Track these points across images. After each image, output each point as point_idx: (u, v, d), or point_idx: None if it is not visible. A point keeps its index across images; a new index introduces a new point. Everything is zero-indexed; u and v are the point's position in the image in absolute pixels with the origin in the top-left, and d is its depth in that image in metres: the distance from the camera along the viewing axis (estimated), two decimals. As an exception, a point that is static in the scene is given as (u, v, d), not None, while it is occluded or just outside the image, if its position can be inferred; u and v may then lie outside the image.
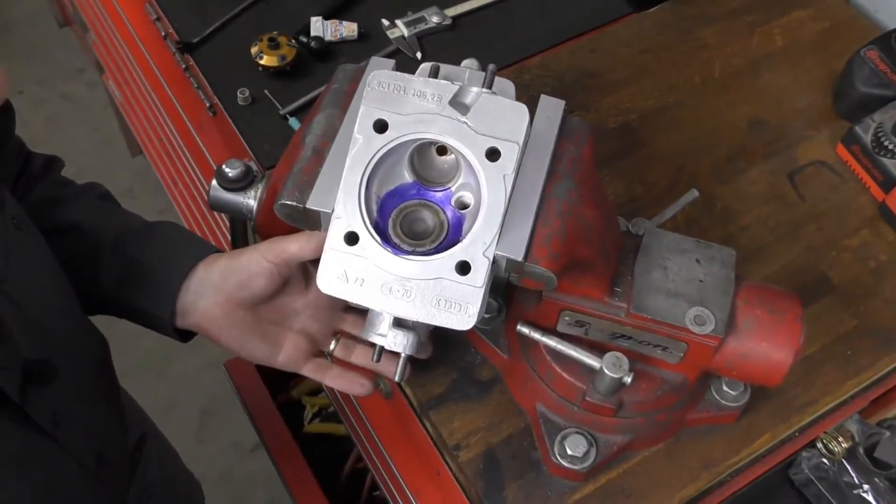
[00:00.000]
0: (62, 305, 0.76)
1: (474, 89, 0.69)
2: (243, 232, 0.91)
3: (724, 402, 0.88)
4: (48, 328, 0.71)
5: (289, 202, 0.72)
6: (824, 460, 0.96)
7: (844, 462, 0.96)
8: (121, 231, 0.82)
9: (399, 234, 0.68)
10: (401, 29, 1.21)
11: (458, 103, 0.69)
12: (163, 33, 1.23)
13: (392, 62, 0.76)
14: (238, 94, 1.13)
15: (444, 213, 0.70)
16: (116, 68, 1.63)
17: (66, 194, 0.86)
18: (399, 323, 0.73)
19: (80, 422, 0.74)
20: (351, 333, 0.85)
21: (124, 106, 1.82)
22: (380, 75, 0.70)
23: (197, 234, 0.86)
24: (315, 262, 0.73)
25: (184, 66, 1.19)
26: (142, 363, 2.11)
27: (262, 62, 1.15)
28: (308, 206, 0.71)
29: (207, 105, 1.16)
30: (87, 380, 0.78)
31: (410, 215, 0.70)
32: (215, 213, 1.42)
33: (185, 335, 0.82)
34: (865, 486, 0.96)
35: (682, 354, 0.79)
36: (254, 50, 1.15)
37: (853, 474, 0.96)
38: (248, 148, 1.11)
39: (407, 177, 0.72)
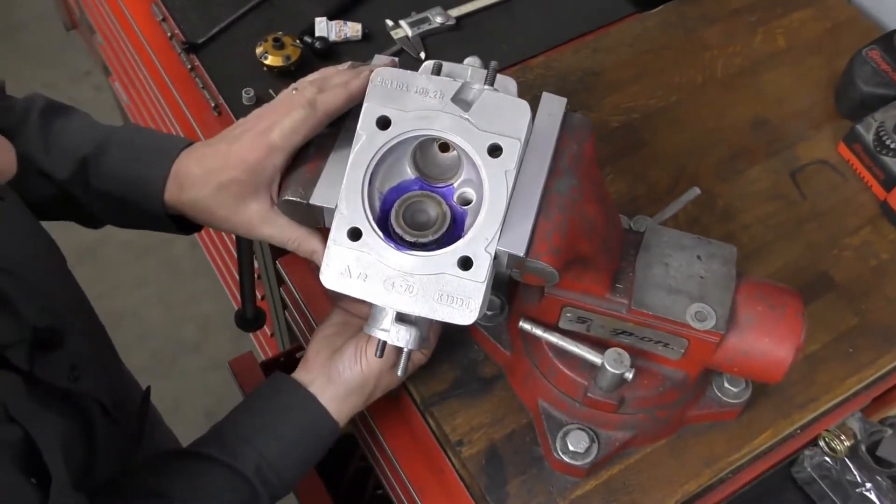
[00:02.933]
0: (55, 267, 0.78)
1: (476, 86, 0.70)
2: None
3: (725, 398, 0.88)
4: (49, 293, 0.73)
5: (292, 198, 0.73)
6: (827, 458, 0.97)
7: (847, 460, 0.97)
8: (79, 161, 0.81)
9: (402, 224, 0.69)
10: (405, 29, 1.22)
11: (460, 100, 0.70)
12: (169, 34, 1.24)
13: (395, 60, 0.77)
14: (243, 93, 1.14)
15: (447, 203, 0.71)
16: (123, 70, 1.64)
17: (11, 123, 0.83)
18: (402, 318, 0.73)
19: (95, 371, 0.76)
20: None
21: (130, 108, 1.83)
22: (383, 72, 0.71)
23: (155, 131, 0.86)
24: None
25: (189, 66, 1.20)
26: (146, 364, 2.12)
27: (266, 62, 1.16)
28: (311, 202, 0.72)
29: (212, 105, 1.17)
30: (94, 333, 0.80)
31: (413, 206, 0.70)
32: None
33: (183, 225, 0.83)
34: (868, 485, 0.96)
35: (683, 351, 0.80)
36: (259, 50, 1.16)
37: (856, 473, 0.97)
38: (252, 147, 1.11)
39: (409, 173, 0.72)
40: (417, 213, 0.70)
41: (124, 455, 0.84)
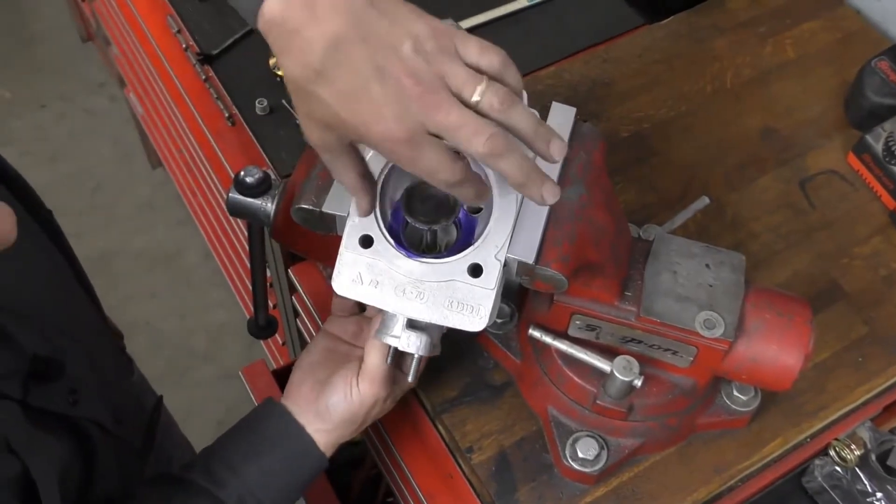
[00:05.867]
0: (56, 290, 0.78)
1: (486, 96, 0.71)
2: (260, 239, 0.93)
3: (734, 406, 0.88)
4: (48, 320, 0.73)
5: (305, 206, 0.74)
6: (837, 468, 0.97)
7: (857, 470, 0.96)
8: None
9: (412, 213, 0.69)
10: (416, 41, 1.23)
11: (470, 109, 0.71)
12: (183, 45, 1.26)
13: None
14: (256, 104, 1.15)
15: None
16: (138, 81, 1.66)
17: None
18: (412, 324, 0.74)
19: (97, 392, 0.76)
20: None
21: (145, 118, 1.85)
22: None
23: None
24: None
25: (204, 77, 1.22)
26: (159, 374, 2.13)
27: (280, 73, 1.17)
28: (324, 209, 0.73)
29: (226, 115, 1.18)
30: (99, 351, 0.80)
31: (419, 193, 0.70)
32: (233, 223, 1.44)
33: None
34: (879, 494, 0.96)
35: (692, 358, 0.80)
36: (272, 61, 1.18)
37: (866, 482, 0.96)
38: (265, 157, 1.13)
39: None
40: (427, 199, 0.70)
41: (127, 469, 0.83)
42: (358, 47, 0.58)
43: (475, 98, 0.60)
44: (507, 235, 0.69)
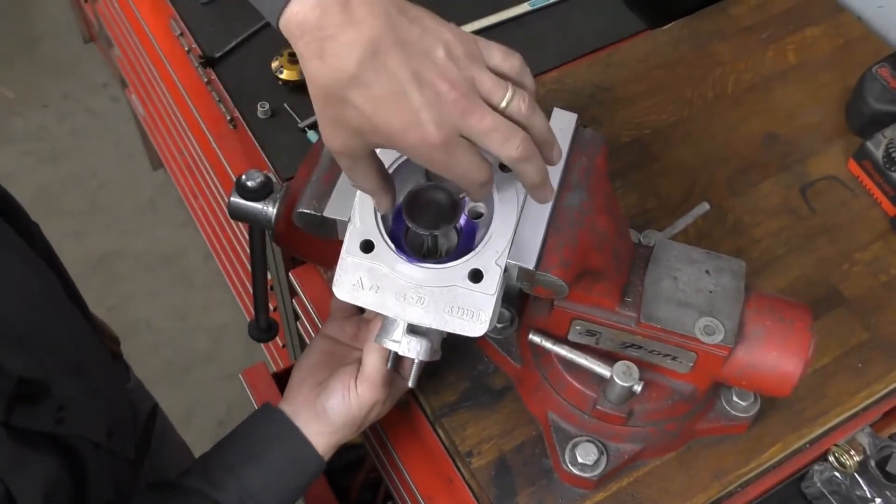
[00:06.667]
0: (43, 306, 0.76)
1: (488, 101, 0.71)
2: (261, 242, 0.93)
3: (734, 412, 0.88)
4: (35, 339, 0.71)
5: (307, 211, 0.74)
6: (836, 473, 0.97)
7: (856, 475, 0.97)
8: None
9: (413, 217, 0.69)
10: (418, 44, 1.23)
11: (472, 115, 0.71)
12: (186, 48, 1.26)
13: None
14: (258, 107, 1.16)
15: (457, 193, 0.70)
16: (140, 83, 1.66)
17: None
18: (413, 329, 0.74)
19: (86, 407, 0.75)
20: None
21: (146, 120, 1.85)
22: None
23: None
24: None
25: (206, 80, 1.22)
26: (159, 374, 2.13)
27: (282, 76, 1.17)
28: (325, 214, 0.73)
29: (228, 118, 1.18)
30: (91, 365, 0.80)
31: (422, 198, 0.70)
32: (234, 226, 1.44)
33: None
34: (878, 500, 0.96)
35: (691, 364, 0.80)
36: (274, 64, 1.18)
37: (865, 488, 0.96)
38: (267, 160, 1.13)
39: (421, 187, 0.73)
40: (427, 204, 0.70)
41: (120, 478, 0.83)
42: (395, 52, 0.57)
43: (503, 104, 0.61)
44: (507, 241, 0.69)
